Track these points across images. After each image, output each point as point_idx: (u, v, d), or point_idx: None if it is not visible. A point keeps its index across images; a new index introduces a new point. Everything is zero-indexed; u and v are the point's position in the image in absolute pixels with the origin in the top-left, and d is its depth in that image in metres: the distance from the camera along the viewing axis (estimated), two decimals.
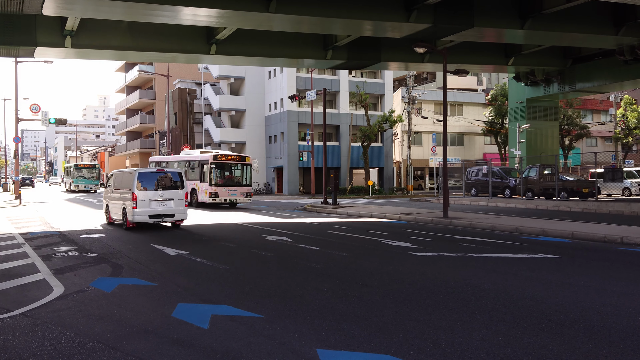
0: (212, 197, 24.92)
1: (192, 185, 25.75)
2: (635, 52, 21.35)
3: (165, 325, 5.51)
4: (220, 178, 25.74)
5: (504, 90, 44.72)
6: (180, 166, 27.60)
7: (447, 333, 5.15)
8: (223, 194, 25.09)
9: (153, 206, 14.68)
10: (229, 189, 25.37)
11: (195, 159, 26.98)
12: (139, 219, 14.51)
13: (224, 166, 26.12)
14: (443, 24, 17.69)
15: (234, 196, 25.41)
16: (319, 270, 8.57)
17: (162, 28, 19.34)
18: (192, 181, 25.96)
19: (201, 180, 25.71)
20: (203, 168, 25.57)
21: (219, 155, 25.95)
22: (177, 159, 29.31)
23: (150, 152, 61.82)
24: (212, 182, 25.22)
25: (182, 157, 29.03)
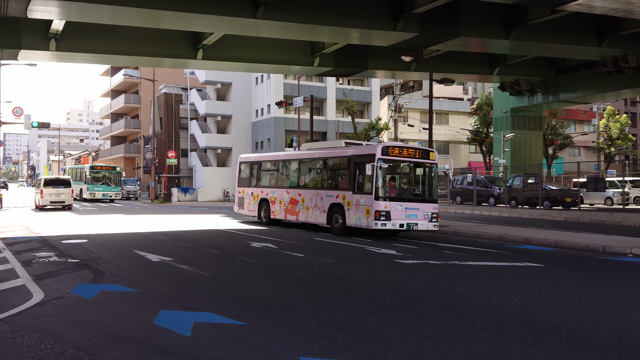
0: (381, 219, 14.14)
1: (333, 198, 15.67)
2: (618, 63, 21.70)
3: (147, 332, 5.43)
4: (393, 186, 15.30)
5: (489, 99, 45.18)
6: (306, 166, 17.58)
7: (430, 341, 5.14)
8: (397, 215, 14.32)
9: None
10: (406, 206, 14.57)
11: (340, 154, 16.23)
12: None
13: (399, 166, 15.39)
14: (429, 33, 17.84)
15: (414, 218, 14.56)
16: (304, 277, 8.53)
17: (148, 32, 19.24)
18: (333, 191, 15.87)
19: (356, 189, 15.00)
20: (362, 169, 14.74)
21: (392, 148, 14.69)
22: (300, 156, 18.18)
23: (134, 156, 61.35)
24: (380, 193, 14.27)
25: (308, 153, 17.92)
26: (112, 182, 39.98)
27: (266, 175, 19.60)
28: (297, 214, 17.17)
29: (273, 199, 18.46)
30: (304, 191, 17.05)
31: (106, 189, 39.41)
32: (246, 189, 20.10)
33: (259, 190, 19.28)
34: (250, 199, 19.76)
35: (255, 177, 19.87)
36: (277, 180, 18.84)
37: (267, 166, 19.64)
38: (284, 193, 17.93)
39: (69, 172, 45.51)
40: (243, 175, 20.57)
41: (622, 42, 20.14)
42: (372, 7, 17.03)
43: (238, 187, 20.54)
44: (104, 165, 41.82)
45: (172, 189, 44.82)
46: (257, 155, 20.79)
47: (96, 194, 39.09)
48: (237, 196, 20.63)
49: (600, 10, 15.08)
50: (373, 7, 17.03)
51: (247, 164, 20.57)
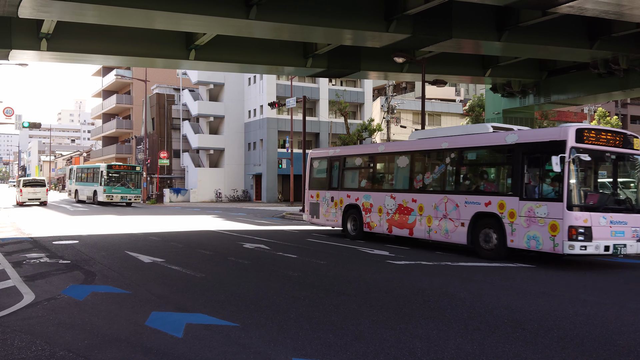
0: (579, 239, 9.62)
1: (479, 206, 11.23)
2: (609, 65, 21.84)
3: (138, 334, 5.40)
4: (589, 190, 10.64)
5: (481, 101, 45.37)
6: (425, 161, 13.18)
7: (423, 342, 5.15)
8: (601, 233, 9.86)
9: None
10: (612, 218, 10.03)
11: (491, 142, 11.59)
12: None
13: (597, 159, 10.58)
14: (422, 35, 17.88)
15: (621, 236, 10.10)
16: (296, 278, 8.52)
17: (140, 32, 19.15)
18: (478, 195, 11.39)
19: (526, 193, 10.49)
20: (540, 163, 10.53)
21: (589, 132, 10.23)
22: (415, 147, 13.42)
23: (126, 157, 61.06)
24: (575, 200, 9.89)
25: (427, 142, 13.20)
26: (130, 183, 35.63)
27: (354, 174, 15.49)
28: (411, 227, 12.85)
29: (367, 206, 14.27)
30: (422, 196, 12.69)
31: (125, 191, 35.05)
32: (323, 192, 16.04)
33: (344, 194, 15.20)
34: (329, 205, 15.71)
35: (336, 176, 15.74)
36: (374, 181, 14.61)
37: (357, 162, 15.44)
38: (386, 198, 13.65)
39: (76, 172, 41.17)
40: (317, 175, 16.79)
41: (613, 44, 20.28)
42: (365, 8, 17.04)
43: (309, 189, 16.71)
44: (122, 165, 37.31)
45: (164, 190, 44.67)
46: (340, 149, 16.31)
47: (114, 197, 34.56)
48: (309, 201, 16.64)
49: (591, 12, 15.18)
50: (366, 9, 17.05)
51: (324, 161, 16.47)
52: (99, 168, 35.71)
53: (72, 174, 42.10)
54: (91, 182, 37.18)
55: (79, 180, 40.11)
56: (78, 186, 40.07)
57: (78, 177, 40.45)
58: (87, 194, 37.80)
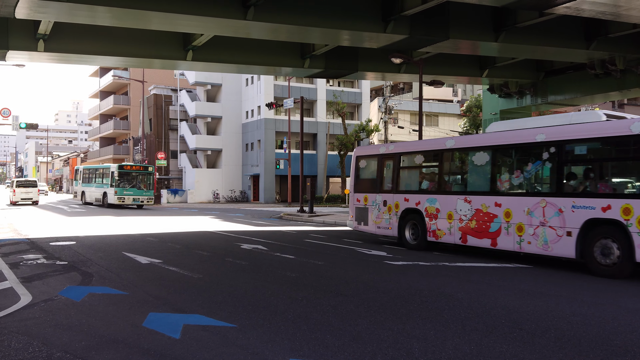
0: None
1: (593, 211, 9.34)
2: (606, 66, 21.89)
3: (136, 335, 5.40)
4: None
5: (478, 101, 45.43)
6: (512, 157, 11.34)
7: (420, 342, 5.16)
8: None
9: None
10: None
11: (606, 133, 9.56)
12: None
13: None
14: (419, 35, 17.90)
15: None
16: (294, 279, 8.52)
17: (137, 33, 19.13)
18: (589, 198, 9.51)
19: None
20: None
21: None
22: (495, 141, 11.36)
23: (123, 158, 61.00)
24: None
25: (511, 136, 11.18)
26: (142, 185, 33.88)
27: (414, 174, 13.61)
28: (494, 237, 10.87)
29: (432, 211, 12.30)
30: (509, 199, 10.72)
31: (137, 192, 33.35)
32: (372, 195, 14.16)
33: (400, 198, 13.26)
34: (381, 210, 13.80)
35: (390, 177, 13.77)
36: (441, 182, 12.45)
37: (417, 160, 13.36)
38: (459, 202, 11.60)
39: (82, 173, 38.97)
40: (364, 176, 14.86)
41: (610, 45, 20.33)
42: (362, 9, 17.06)
43: (355, 192, 14.82)
44: (134, 165, 35.42)
45: (162, 191, 44.62)
46: (395, 146, 14.29)
47: (125, 199, 32.81)
48: (354, 206, 14.79)
49: (588, 13, 15.23)
50: (363, 9, 17.07)
51: (373, 159, 14.52)
52: (109, 168, 34.04)
53: (79, 175, 39.68)
54: (100, 183, 35.50)
55: (87, 182, 38.15)
56: (85, 188, 38.09)
57: (85, 178, 38.44)
58: (95, 195, 35.89)
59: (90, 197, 36.83)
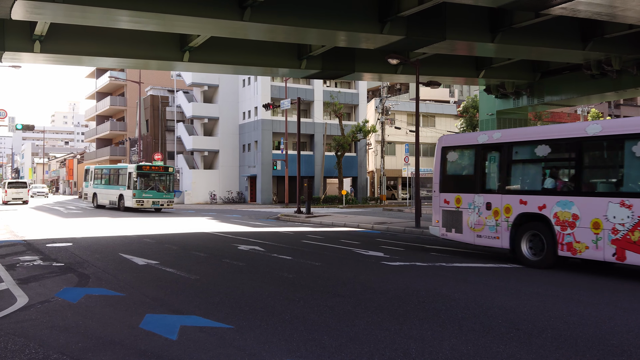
0: None
1: None
2: (602, 66, 21.95)
3: (132, 336, 5.39)
4: None
5: (474, 102, 45.52)
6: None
7: (417, 343, 5.16)
8: None
9: None
10: None
11: None
12: None
13: None
14: (416, 36, 17.92)
15: None
16: (291, 280, 8.52)
17: (133, 34, 19.11)
18: None
19: None
20: None
21: None
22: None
23: (120, 159, 60.91)
24: None
25: None
26: (162, 186, 30.90)
27: (534, 169, 10.90)
28: None
29: (565, 218, 9.71)
30: None
31: (157, 195, 30.45)
32: (468, 196, 11.50)
33: (513, 200, 10.62)
34: (481, 214, 11.15)
35: (496, 173, 11.22)
36: (579, 180, 9.87)
37: (539, 152, 10.47)
38: (611, 206, 9.06)
39: (94, 174, 36.14)
40: (455, 171, 12.37)
41: (606, 46, 20.39)
42: (359, 10, 17.08)
43: (442, 192, 12.16)
44: (154, 165, 32.37)
45: None
46: (502, 133, 11.30)
47: (145, 202, 29.94)
48: (440, 208, 12.19)
49: (584, 14, 15.27)
50: (360, 10, 17.08)
51: (469, 151, 11.89)
52: (126, 169, 31.45)
53: (89, 176, 36.64)
54: (115, 184, 32.55)
55: (99, 183, 35.05)
56: (97, 189, 34.99)
57: (97, 179, 35.37)
58: (110, 198, 32.82)
59: (103, 199, 33.84)
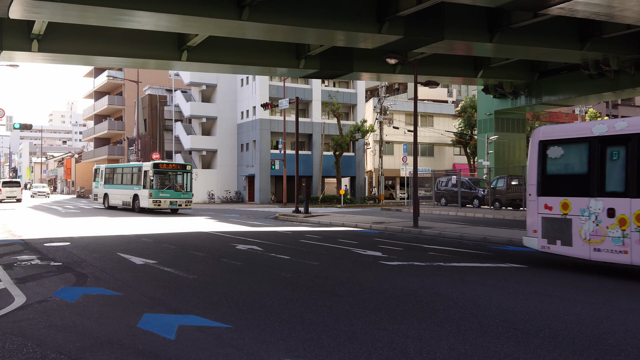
0: None
1: None
2: (600, 66, 22.02)
3: (130, 336, 5.39)
4: None
5: (473, 102, 45.56)
6: None
7: (415, 342, 5.17)
8: None
9: None
10: None
11: None
12: None
13: None
14: (414, 36, 17.94)
15: None
16: (289, 279, 8.52)
17: (132, 33, 19.11)
18: None
19: None
20: None
21: None
22: None
23: (118, 158, 60.83)
24: None
25: None
26: (179, 185, 28.88)
27: None
28: None
29: None
30: None
31: (175, 195, 28.35)
32: (580, 200, 9.36)
33: None
34: (602, 222, 9.00)
35: (620, 173, 8.96)
36: None
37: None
38: None
39: (105, 173, 33.83)
40: (559, 170, 9.98)
41: (604, 46, 20.46)
42: (357, 9, 17.09)
43: (540, 195, 10.05)
44: (171, 163, 29.80)
45: None
46: (627, 123, 8.90)
47: (162, 202, 27.89)
48: (539, 215, 10.06)
49: (582, 14, 15.32)
50: (358, 10, 17.10)
51: (580, 145, 9.56)
52: (142, 167, 29.09)
53: (100, 175, 34.51)
54: (129, 184, 30.30)
55: (110, 182, 32.80)
56: (109, 189, 32.81)
57: (108, 178, 33.17)
58: (123, 198, 30.70)
59: (116, 200, 31.71)
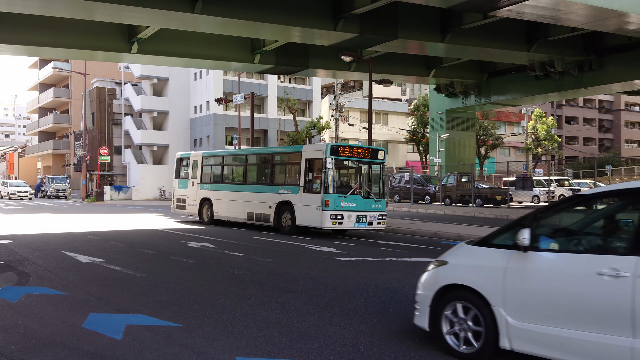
0: None
1: None
2: (545, 68, 22.83)
3: (75, 336, 5.20)
4: None
5: (425, 100, 46.42)
6: None
7: (366, 337, 5.22)
8: None
9: None
10: None
11: None
12: None
13: None
14: (369, 34, 18.10)
15: None
16: (242, 276, 8.45)
17: (79, 24, 18.43)
18: None
19: None
20: None
21: None
22: None
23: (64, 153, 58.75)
24: None
25: None
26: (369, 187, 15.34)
27: None
28: None
29: None
30: None
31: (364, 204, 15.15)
32: None
33: None
34: None
35: None
36: None
37: None
38: None
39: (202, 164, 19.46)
40: None
41: (549, 48, 21.22)
42: (313, 6, 17.09)
43: None
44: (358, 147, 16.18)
45: (105, 187, 43.28)
46: None
47: (344, 218, 14.55)
48: None
49: (529, 16, 15.83)
50: (314, 6, 17.09)
51: None
52: (301, 153, 15.65)
53: (193, 169, 19.99)
54: (266, 183, 16.89)
55: (219, 181, 18.97)
56: (215, 192, 18.72)
57: (215, 173, 19.34)
58: (248, 209, 17.17)
59: (232, 211, 17.86)
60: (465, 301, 4.60)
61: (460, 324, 4.61)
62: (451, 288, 4.73)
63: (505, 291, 4.32)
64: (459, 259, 4.86)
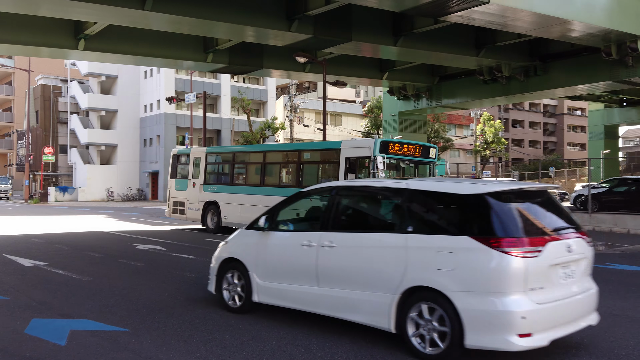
0: None
1: None
2: (493, 72, 23.52)
3: (17, 342, 4.98)
4: None
5: (379, 103, 47.00)
6: None
7: (318, 339, 5.22)
8: None
9: None
10: None
11: None
12: None
13: None
14: (323, 36, 18.15)
15: None
16: (193, 279, 8.30)
17: (23, 19, 17.65)
18: None
19: None
20: None
21: None
22: None
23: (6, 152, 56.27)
24: None
25: None
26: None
27: None
28: None
29: None
30: None
31: None
32: None
33: None
34: None
35: None
36: None
37: None
38: None
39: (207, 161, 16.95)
40: None
41: (497, 53, 21.88)
42: (267, 6, 16.99)
43: None
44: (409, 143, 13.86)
45: (49, 188, 41.74)
46: None
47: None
48: None
49: (478, 22, 16.27)
50: (268, 6, 17.00)
51: None
52: (339, 149, 13.29)
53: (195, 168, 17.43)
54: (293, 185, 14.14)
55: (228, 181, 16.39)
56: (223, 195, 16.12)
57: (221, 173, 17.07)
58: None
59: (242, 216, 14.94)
60: (235, 270, 6.17)
61: (232, 286, 6.21)
62: (230, 260, 6.24)
63: (256, 259, 5.97)
64: (234, 239, 6.42)
